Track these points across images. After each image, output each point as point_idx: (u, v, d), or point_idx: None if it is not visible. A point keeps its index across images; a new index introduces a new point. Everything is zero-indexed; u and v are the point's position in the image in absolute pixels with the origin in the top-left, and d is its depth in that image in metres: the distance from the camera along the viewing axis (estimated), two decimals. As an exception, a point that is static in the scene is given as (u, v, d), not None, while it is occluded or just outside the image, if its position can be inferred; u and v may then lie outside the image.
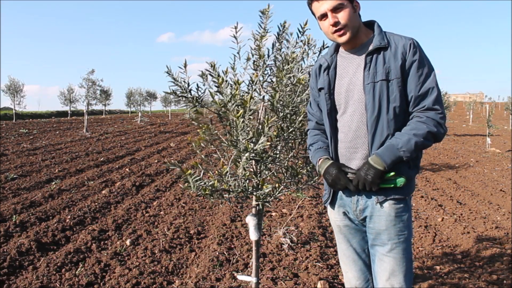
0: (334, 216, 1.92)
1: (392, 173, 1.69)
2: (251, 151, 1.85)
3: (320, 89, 1.87)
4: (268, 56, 2.15)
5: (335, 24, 1.70)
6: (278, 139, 2.11)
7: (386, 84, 1.69)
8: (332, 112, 1.84)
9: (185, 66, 2.01)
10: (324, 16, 1.73)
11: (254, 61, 2.15)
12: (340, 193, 1.86)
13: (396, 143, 1.65)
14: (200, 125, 2.06)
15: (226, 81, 1.98)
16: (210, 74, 2.01)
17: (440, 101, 1.70)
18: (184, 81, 2.03)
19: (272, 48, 2.18)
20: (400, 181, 1.69)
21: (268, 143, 1.95)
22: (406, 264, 1.75)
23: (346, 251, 1.93)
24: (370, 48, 1.73)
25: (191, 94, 2.05)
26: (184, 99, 2.05)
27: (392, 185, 1.70)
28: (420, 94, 1.69)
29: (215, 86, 1.99)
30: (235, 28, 2.06)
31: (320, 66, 1.88)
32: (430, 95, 1.68)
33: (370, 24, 1.82)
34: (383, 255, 1.77)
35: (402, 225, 1.74)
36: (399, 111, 1.71)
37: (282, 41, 2.19)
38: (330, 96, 1.83)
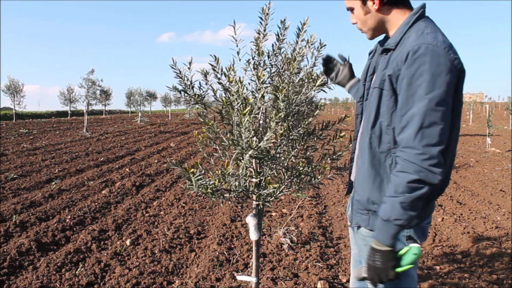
0: (347, 214, 1.90)
1: (404, 249, 1.40)
2: (255, 148, 1.85)
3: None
4: (269, 56, 2.13)
5: (354, 24, 1.62)
6: (283, 138, 2.11)
7: (379, 93, 1.43)
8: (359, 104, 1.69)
9: (190, 64, 2.01)
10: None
11: (254, 61, 2.13)
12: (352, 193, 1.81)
13: (383, 215, 1.34)
14: (205, 121, 2.07)
15: (232, 76, 1.98)
16: (213, 69, 2.01)
17: (428, 135, 1.25)
18: (187, 78, 2.03)
19: (273, 47, 2.17)
20: (414, 250, 1.39)
21: (273, 140, 1.94)
22: None
23: (352, 250, 1.93)
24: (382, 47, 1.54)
25: (193, 91, 2.05)
26: (185, 95, 2.05)
27: (412, 264, 1.39)
28: (401, 121, 1.32)
29: (219, 83, 1.99)
30: (233, 27, 2.01)
31: (371, 51, 1.71)
32: (410, 126, 1.27)
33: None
34: None
35: None
36: (386, 129, 1.41)
37: (282, 40, 2.17)
38: (364, 84, 1.65)
